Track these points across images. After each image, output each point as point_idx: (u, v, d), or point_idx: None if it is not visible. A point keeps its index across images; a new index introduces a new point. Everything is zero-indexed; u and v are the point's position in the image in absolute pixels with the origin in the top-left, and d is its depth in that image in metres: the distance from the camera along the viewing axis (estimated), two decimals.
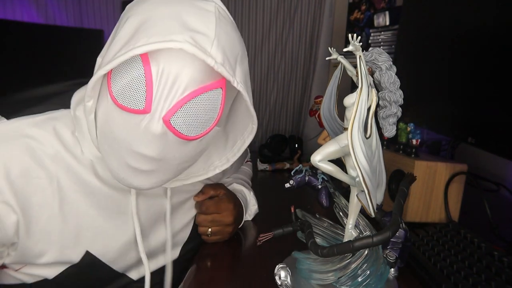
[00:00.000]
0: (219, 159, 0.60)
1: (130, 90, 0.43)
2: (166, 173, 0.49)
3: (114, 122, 0.45)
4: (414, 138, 0.76)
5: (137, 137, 0.44)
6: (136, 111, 0.43)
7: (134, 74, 0.43)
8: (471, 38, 0.77)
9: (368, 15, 1.46)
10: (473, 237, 0.62)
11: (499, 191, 0.97)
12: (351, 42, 0.43)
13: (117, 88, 0.44)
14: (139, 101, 0.43)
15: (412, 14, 1.02)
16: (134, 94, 0.43)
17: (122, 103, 0.44)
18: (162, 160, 0.46)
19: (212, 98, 0.46)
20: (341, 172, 0.49)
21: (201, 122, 0.46)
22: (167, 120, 0.43)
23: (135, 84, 0.43)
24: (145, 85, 0.42)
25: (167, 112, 0.43)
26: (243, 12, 1.82)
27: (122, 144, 0.45)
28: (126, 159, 0.46)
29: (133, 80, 0.43)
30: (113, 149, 0.47)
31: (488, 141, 0.70)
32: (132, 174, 0.47)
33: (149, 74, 0.42)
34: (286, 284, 0.50)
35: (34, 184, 0.49)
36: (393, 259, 0.52)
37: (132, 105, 0.43)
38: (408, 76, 0.96)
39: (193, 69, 0.43)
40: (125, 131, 0.45)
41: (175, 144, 0.46)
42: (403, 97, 0.47)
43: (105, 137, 0.47)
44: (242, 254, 0.65)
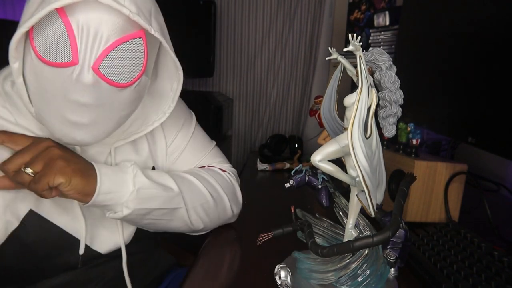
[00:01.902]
0: (156, 114, 0.62)
1: (54, 45, 0.45)
2: (106, 124, 0.51)
3: (45, 79, 0.47)
4: (414, 138, 0.76)
5: (71, 88, 0.46)
6: (65, 64, 0.45)
7: (55, 29, 0.44)
8: (471, 38, 0.77)
9: (368, 15, 1.46)
10: (473, 237, 0.62)
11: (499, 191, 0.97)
12: (351, 42, 0.43)
13: (41, 46, 0.45)
14: (66, 54, 0.45)
15: (412, 14, 1.02)
16: (59, 48, 0.45)
17: (49, 59, 0.45)
18: (100, 107, 0.48)
19: (135, 46, 0.49)
20: (341, 172, 0.49)
21: (129, 69, 0.49)
22: (96, 69, 0.46)
23: (58, 39, 0.45)
24: (68, 38, 0.44)
25: (95, 61, 0.46)
26: (243, 12, 1.82)
27: (58, 98, 0.47)
28: (65, 113, 0.47)
29: (56, 35, 0.44)
30: (50, 106, 0.48)
31: (488, 141, 0.70)
32: (74, 129, 0.48)
33: (70, 27, 0.44)
34: (286, 284, 0.51)
35: None
36: (393, 259, 0.52)
37: (59, 59, 0.45)
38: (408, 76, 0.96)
39: (112, 20, 0.46)
40: (59, 85, 0.46)
41: (109, 92, 0.49)
42: (403, 97, 0.47)
43: (40, 96, 0.48)
44: (242, 254, 0.65)
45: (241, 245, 0.69)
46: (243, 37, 1.86)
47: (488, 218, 0.70)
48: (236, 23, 1.84)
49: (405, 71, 0.97)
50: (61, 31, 0.44)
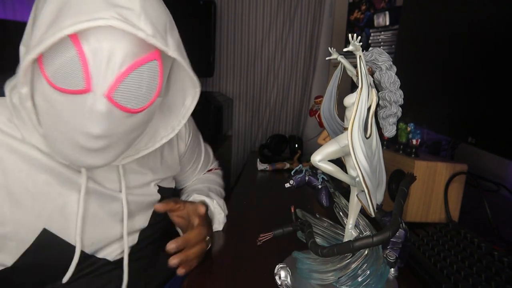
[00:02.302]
0: (165, 129, 0.61)
1: (66, 71, 0.43)
2: (117, 147, 0.50)
3: (57, 106, 0.45)
4: (414, 138, 0.76)
5: (84, 117, 0.45)
6: (77, 91, 0.44)
7: (67, 56, 0.43)
8: (471, 38, 0.77)
9: (368, 15, 1.46)
10: (473, 237, 0.62)
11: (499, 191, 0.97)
12: (351, 42, 0.43)
13: (52, 72, 0.44)
14: (78, 81, 0.43)
15: (412, 14, 1.02)
16: (71, 75, 0.43)
17: (60, 86, 0.44)
18: (112, 135, 0.48)
19: (150, 70, 0.47)
20: (341, 172, 0.49)
21: (143, 94, 0.48)
22: (109, 96, 0.44)
23: (70, 65, 0.43)
24: (81, 65, 0.43)
25: (109, 88, 0.44)
26: (243, 12, 1.82)
27: (70, 125, 0.46)
28: (77, 139, 0.46)
29: (67, 61, 0.43)
30: (61, 132, 0.47)
31: (488, 141, 0.70)
32: (84, 154, 0.48)
33: (82, 53, 0.42)
34: (286, 284, 0.50)
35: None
36: (393, 259, 0.52)
37: (72, 86, 0.44)
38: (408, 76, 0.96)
39: (125, 44, 0.44)
40: (72, 112, 0.45)
41: (121, 118, 0.47)
42: (403, 97, 0.47)
43: (51, 121, 0.47)
44: (242, 254, 0.65)
45: (241, 245, 0.69)
46: (243, 37, 1.86)
47: (488, 218, 0.70)
48: (236, 23, 1.84)
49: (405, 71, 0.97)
50: (73, 58, 0.43)
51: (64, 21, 0.41)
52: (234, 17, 1.83)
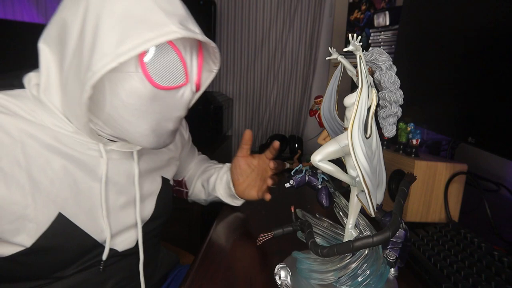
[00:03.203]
0: None
1: (170, 71, 0.53)
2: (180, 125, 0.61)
3: (155, 101, 0.54)
4: (414, 138, 0.76)
5: (175, 106, 0.56)
6: (180, 85, 0.55)
7: (170, 59, 0.53)
8: (471, 37, 0.77)
9: (368, 15, 1.46)
10: (473, 237, 0.62)
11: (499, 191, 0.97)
12: (351, 42, 0.43)
13: (155, 73, 0.52)
14: (180, 77, 0.54)
15: (412, 14, 1.02)
16: (175, 73, 0.54)
17: (165, 84, 0.53)
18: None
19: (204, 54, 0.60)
20: (341, 172, 0.49)
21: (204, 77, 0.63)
22: (198, 84, 0.57)
23: (174, 66, 0.53)
24: (181, 64, 0.54)
25: (198, 77, 0.57)
26: (243, 12, 1.83)
27: (161, 115, 0.55)
28: (162, 125, 0.56)
29: (172, 63, 0.53)
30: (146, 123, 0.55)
31: (488, 141, 0.70)
32: (166, 136, 0.58)
33: (180, 55, 0.53)
34: (286, 284, 0.50)
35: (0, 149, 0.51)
36: (393, 259, 0.52)
37: (176, 83, 0.54)
38: (408, 76, 0.96)
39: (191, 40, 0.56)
40: (168, 105, 0.55)
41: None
42: (403, 97, 0.47)
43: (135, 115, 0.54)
44: (242, 254, 0.65)
45: (241, 245, 0.69)
46: (243, 37, 1.86)
47: (488, 218, 0.70)
48: (236, 23, 1.84)
49: (405, 71, 0.97)
50: (175, 59, 0.53)
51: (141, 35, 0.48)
52: (234, 17, 1.83)
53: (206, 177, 0.90)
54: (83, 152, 0.58)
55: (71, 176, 0.57)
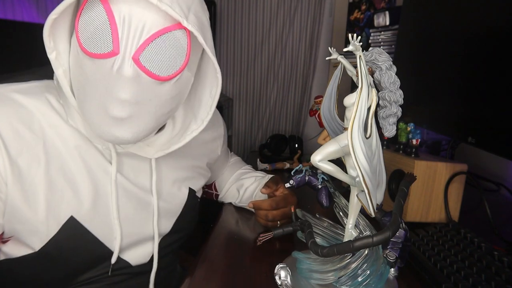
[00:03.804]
0: (195, 123, 0.61)
1: (96, 35, 0.44)
2: (145, 120, 0.50)
3: (88, 71, 0.46)
4: (414, 138, 0.76)
5: (111, 82, 0.46)
6: (105, 55, 0.45)
7: (97, 18, 0.44)
8: (471, 38, 0.77)
9: (368, 15, 1.46)
10: (473, 237, 0.62)
11: (499, 191, 0.97)
12: (351, 42, 0.43)
13: (84, 36, 0.45)
14: (107, 44, 0.44)
15: (412, 14, 1.02)
16: (101, 38, 0.44)
17: (90, 50, 0.45)
18: (139, 103, 0.48)
19: (177, 38, 0.47)
20: (341, 172, 0.49)
21: (170, 61, 0.48)
22: (136, 59, 0.45)
23: (100, 28, 0.44)
24: (110, 28, 0.44)
25: (136, 51, 0.45)
26: (243, 12, 1.82)
27: (99, 91, 0.46)
28: (105, 107, 0.47)
29: (97, 24, 0.44)
30: (91, 100, 0.48)
31: (488, 141, 0.70)
32: (113, 125, 0.48)
33: (112, 17, 0.44)
34: (286, 284, 0.50)
35: (20, 145, 0.50)
36: (393, 259, 0.52)
37: (101, 50, 0.45)
38: (408, 76, 0.96)
39: (154, 12, 0.45)
40: (100, 77, 0.46)
41: (149, 85, 0.48)
42: (403, 97, 0.47)
43: (82, 89, 0.48)
44: (242, 254, 0.65)
45: (241, 245, 0.69)
46: (243, 37, 1.86)
47: (488, 218, 0.70)
48: (236, 23, 1.84)
49: (405, 71, 0.97)
50: (104, 21, 0.44)
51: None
52: (234, 17, 1.83)
53: (244, 185, 0.86)
54: (104, 152, 0.57)
55: (92, 177, 0.55)
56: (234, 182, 0.88)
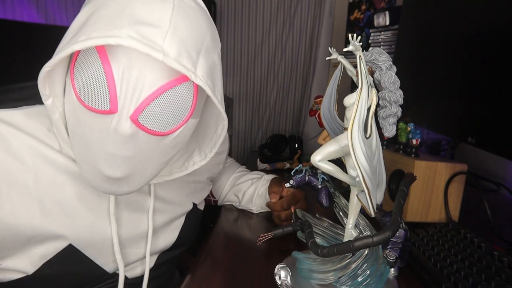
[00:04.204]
0: (199, 154, 0.59)
1: (93, 89, 0.41)
2: (144, 173, 0.47)
3: (84, 123, 0.43)
4: (414, 138, 0.76)
5: (108, 138, 0.43)
6: (103, 111, 0.41)
7: (94, 73, 0.41)
8: (471, 37, 0.77)
9: (368, 15, 1.46)
10: (473, 237, 0.62)
11: (499, 191, 0.97)
12: (351, 42, 0.43)
13: (80, 88, 0.42)
14: (104, 101, 0.41)
15: (412, 14, 1.02)
16: (98, 94, 0.41)
17: (88, 103, 0.42)
18: (137, 158, 0.45)
19: (182, 92, 0.43)
20: (341, 172, 0.49)
21: (173, 117, 0.44)
22: (135, 119, 0.42)
23: (97, 84, 0.41)
24: (107, 85, 0.41)
25: (134, 111, 0.41)
26: (243, 12, 1.82)
27: (95, 145, 0.43)
28: (100, 164, 0.44)
29: (94, 77, 0.41)
30: (86, 152, 0.45)
31: (488, 141, 0.70)
32: (107, 183, 0.45)
33: (110, 73, 0.40)
34: (286, 284, 0.50)
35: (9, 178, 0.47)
36: (393, 259, 0.52)
37: (97, 106, 0.41)
38: (408, 76, 0.96)
39: (156, 65, 0.41)
40: (96, 133, 0.43)
41: (148, 141, 0.44)
42: (403, 97, 0.47)
43: (78, 138, 0.46)
44: (242, 254, 0.65)
45: (241, 245, 0.69)
46: (243, 37, 1.86)
47: (488, 218, 0.70)
48: (236, 23, 1.84)
49: (405, 71, 0.97)
50: (100, 76, 0.40)
51: (80, 36, 0.40)
52: (234, 17, 1.83)
53: (241, 189, 0.85)
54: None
55: (88, 204, 0.53)
56: (230, 188, 0.88)
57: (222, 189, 0.89)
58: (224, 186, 0.88)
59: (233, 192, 0.87)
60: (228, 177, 0.89)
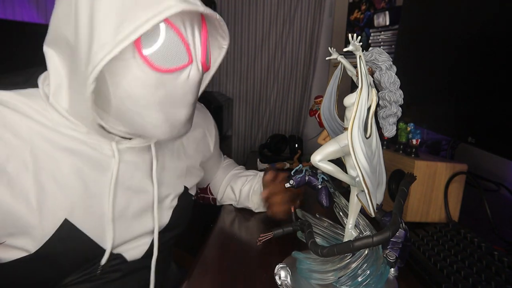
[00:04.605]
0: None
1: (170, 53, 0.48)
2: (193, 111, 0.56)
3: (162, 87, 0.50)
4: (414, 138, 0.76)
5: (183, 89, 0.51)
6: (182, 66, 0.50)
7: (169, 39, 0.48)
8: (470, 38, 0.77)
9: (368, 15, 1.46)
10: (473, 237, 0.62)
11: (499, 191, 0.97)
12: (351, 42, 0.43)
13: (157, 58, 0.48)
14: (183, 57, 0.49)
15: (412, 14, 1.02)
16: (177, 53, 0.49)
17: (168, 66, 0.49)
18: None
19: (210, 29, 0.55)
20: (341, 172, 0.49)
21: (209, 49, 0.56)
22: (204, 62, 0.52)
23: (175, 46, 0.48)
24: (182, 43, 0.49)
25: (203, 55, 0.52)
26: (243, 12, 1.83)
27: (171, 101, 0.51)
28: (178, 113, 0.52)
29: (171, 43, 0.48)
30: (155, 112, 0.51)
31: (488, 141, 0.70)
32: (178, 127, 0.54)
33: (180, 33, 0.49)
34: (286, 284, 0.50)
35: (6, 151, 0.49)
36: (393, 259, 0.52)
37: (179, 63, 0.49)
38: (408, 76, 0.96)
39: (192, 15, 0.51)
40: (174, 89, 0.51)
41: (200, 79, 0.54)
42: (403, 97, 0.47)
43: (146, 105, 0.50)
44: (242, 254, 0.65)
45: (241, 245, 0.69)
46: (243, 37, 1.86)
47: (488, 218, 0.70)
48: (236, 23, 1.84)
49: (405, 71, 0.97)
50: (174, 39, 0.48)
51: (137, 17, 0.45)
52: (234, 17, 1.83)
53: (237, 186, 0.87)
54: (99, 152, 0.56)
55: (83, 179, 0.54)
56: (227, 184, 0.89)
57: (219, 185, 0.91)
58: (222, 183, 0.90)
59: (230, 189, 0.88)
60: (226, 174, 0.91)
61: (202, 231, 1.44)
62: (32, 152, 0.51)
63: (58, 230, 0.52)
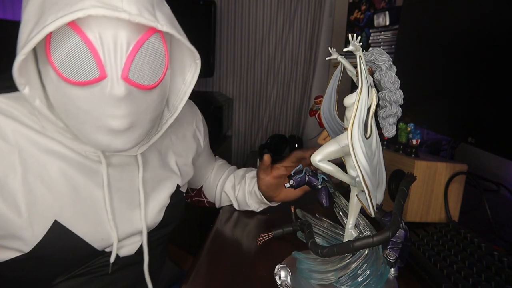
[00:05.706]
0: (169, 110, 0.61)
1: (77, 63, 0.43)
2: (142, 126, 0.51)
3: (76, 100, 0.46)
4: (414, 138, 0.76)
5: (105, 104, 0.46)
6: (93, 81, 0.44)
7: (74, 48, 0.43)
8: (471, 37, 0.77)
9: (368, 15, 1.46)
10: (473, 237, 0.62)
11: (499, 191, 0.97)
12: (351, 42, 0.43)
13: (63, 67, 0.44)
14: (92, 70, 0.44)
15: (412, 14, 1.02)
16: (83, 65, 0.43)
17: (75, 79, 0.44)
18: (135, 114, 0.49)
19: (155, 43, 0.48)
20: (341, 172, 0.49)
21: (155, 68, 0.49)
22: (126, 78, 0.45)
23: (80, 56, 0.43)
24: (91, 53, 0.43)
25: (123, 70, 0.45)
26: (243, 12, 1.83)
27: (94, 114, 0.46)
28: (105, 125, 0.47)
29: (76, 53, 0.43)
30: (85, 123, 0.48)
31: (488, 141, 0.70)
32: (114, 138, 0.49)
33: (89, 42, 0.43)
34: (286, 284, 0.50)
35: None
36: (393, 259, 0.52)
37: (87, 77, 0.44)
38: (408, 76, 0.96)
39: (126, 25, 0.44)
40: (92, 102, 0.46)
41: (141, 96, 0.48)
42: (403, 97, 0.47)
43: (72, 116, 0.48)
44: (242, 254, 0.65)
45: (241, 245, 0.69)
46: (243, 37, 1.86)
47: (488, 218, 0.70)
48: (236, 23, 1.84)
49: (405, 71, 0.97)
50: (80, 46, 0.43)
51: (47, 19, 0.42)
52: (234, 17, 1.83)
53: (231, 194, 0.86)
54: (86, 157, 0.56)
55: (71, 181, 0.55)
56: (221, 191, 0.88)
57: (214, 189, 0.89)
58: (216, 189, 0.89)
59: (225, 195, 0.87)
60: (217, 180, 0.89)
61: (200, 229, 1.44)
62: (20, 155, 0.51)
63: (49, 232, 0.53)
